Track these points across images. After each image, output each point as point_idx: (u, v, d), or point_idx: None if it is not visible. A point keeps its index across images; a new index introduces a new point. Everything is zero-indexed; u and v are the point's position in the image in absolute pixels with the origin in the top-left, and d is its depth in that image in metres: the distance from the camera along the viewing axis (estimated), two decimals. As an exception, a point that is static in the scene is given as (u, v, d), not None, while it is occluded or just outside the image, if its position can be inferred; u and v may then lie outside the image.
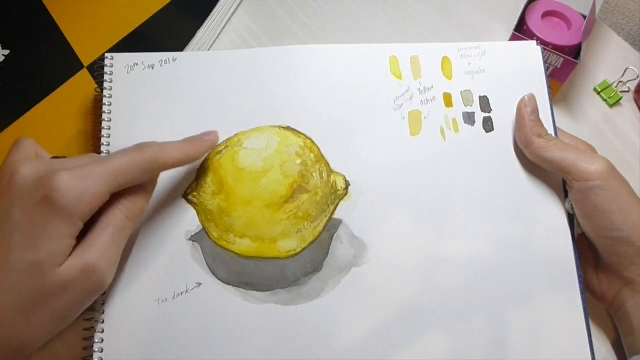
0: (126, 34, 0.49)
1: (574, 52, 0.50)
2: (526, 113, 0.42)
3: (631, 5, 1.09)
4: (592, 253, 0.42)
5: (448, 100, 0.44)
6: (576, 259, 0.40)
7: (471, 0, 0.58)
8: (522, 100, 0.42)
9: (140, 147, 0.35)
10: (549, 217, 0.41)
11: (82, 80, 0.47)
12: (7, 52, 0.47)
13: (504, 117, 0.44)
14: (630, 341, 0.39)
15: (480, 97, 0.44)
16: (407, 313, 0.39)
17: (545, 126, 0.42)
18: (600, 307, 0.42)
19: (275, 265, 0.40)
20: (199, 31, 0.51)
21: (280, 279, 0.40)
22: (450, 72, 0.45)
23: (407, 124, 0.44)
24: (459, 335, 0.39)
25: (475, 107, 0.44)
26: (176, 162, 0.37)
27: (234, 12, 0.56)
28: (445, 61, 0.45)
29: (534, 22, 0.52)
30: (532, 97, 0.42)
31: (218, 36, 0.54)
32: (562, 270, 0.40)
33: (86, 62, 0.48)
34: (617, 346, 0.41)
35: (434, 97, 0.44)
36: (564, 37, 0.51)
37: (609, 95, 0.53)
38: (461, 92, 0.44)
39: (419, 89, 0.44)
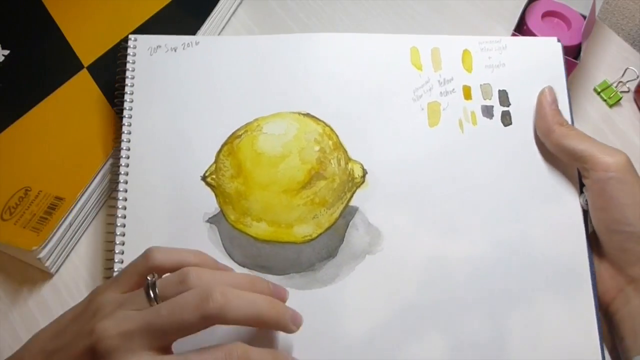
0: (126, 34, 0.48)
1: (574, 52, 0.51)
2: (547, 103, 0.42)
3: (631, 5, 1.08)
4: (596, 249, 0.41)
5: (467, 92, 0.44)
6: (589, 256, 0.40)
7: (471, 0, 0.58)
8: (542, 91, 0.43)
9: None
10: (564, 213, 0.41)
11: (82, 80, 0.47)
12: (7, 52, 0.47)
13: (523, 112, 0.44)
14: (630, 343, 0.38)
15: (499, 90, 0.44)
16: (420, 302, 0.39)
17: None
18: None
19: (291, 250, 0.41)
20: (199, 31, 0.51)
21: (296, 264, 0.40)
22: (471, 65, 0.45)
23: (426, 115, 0.44)
24: (475, 329, 0.39)
25: (494, 101, 0.44)
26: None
27: (234, 12, 0.56)
28: (466, 54, 0.45)
29: (534, 22, 0.52)
30: (551, 89, 0.43)
31: (218, 36, 0.54)
32: (575, 267, 0.40)
33: (86, 62, 0.48)
34: (614, 350, 0.41)
35: (453, 89, 0.44)
36: (564, 37, 0.50)
37: (609, 96, 0.53)
38: (480, 85, 0.45)
39: (439, 81, 0.45)
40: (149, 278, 0.32)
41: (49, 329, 0.33)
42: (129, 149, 0.42)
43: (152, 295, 0.32)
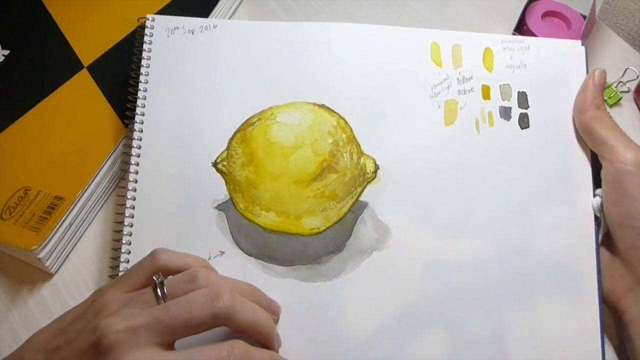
0: (126, 34, 0.49)
1: None
2: (592, 83, 0.42)
3: (631, 6, 1.06)
4: (609, 247, 0.41)
5: (486, 92, 0.44)
6: (597, 261, 0.40)
7: (471, 0, 0.58)
8: (592, 71, 0.43)
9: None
10: (574, 219, 0.41)
11: (82, 80, 0.47)
12: (7, 52, 0.47)
13: (541, 115, 0.43)
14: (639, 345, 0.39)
15: (518, 92, 0.44)
16: (424, 301, 0.39)
17: None
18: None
19: (298, 242, 0.41)
20: None
21: (302, 256, 0.40)
22: (492, 64, 0.44)
23: (442, 113, 0.43)
24: (478, 328, 0.39)
25: (513, 102, 0.43)
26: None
27: (234, 12, 0.56)
28: (487, 52, 0.44)
29: (534, 22, 0.52)
30: (602, 72, 0.42)
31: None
32: (582, 270, 0.40)
33: (86, 62, 0.47)
34: (622, 352, 0.41)
35: (472, 88, 0.44)
36: (564, 37, 0.50)
37: (609, 95, 0.52)
38: (500, 85, 0.44)
39: (458, 79, 0.44)
40: (155, 277, 0.33)
41: (51, 328, 0.34)
42: (141, 131, 0.42)
43: (159, 293, 0.32)
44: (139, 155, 0.42)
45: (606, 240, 0.41)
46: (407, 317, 0.39)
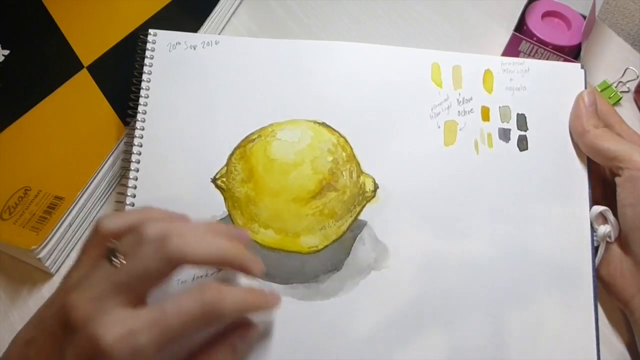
0: (126, 34, 0.49)
1: (574, 52, 0.51)
2: (583, 104, 0.43)
3: (631, 6, 1.08)
4: (623, 249, 0.41)
5: (485, 114, 0.44)
6: (593, 264, 0.40)
7: (471, 0, 0.58)
8: (582, 92, 0.43)
9: (201, 289, 0.32)
10: (571, 222, 0.41)
11: (82, 80, 0.47)
12: (7, 52, 0.47)
13: (540, 138, 0.43)
14: None
15: (518, 114, 0.44)
16: (423, 323, 0.39)
17: None
18: (616, 309, 0.42)
19: (296, 260, 0.41)
20: (199, 31, 0.51)
21: (300, 274, 0.40)
22: (491, 86, 0.44)
23: (442, 133, 0.43)
24: (478, 349, 0.39)
25: (512, 124, 0.44)
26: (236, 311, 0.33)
27: (234, 12, 0.56)
28: (487, 74, 0.45)
29: (534, 22, 0.52)
30: (591, 92, 0.43)
31: (218, 36, 0.54)
32: (580, 273, 0.40)
33: (86, 62, 0.48)
34: (632, 348, 0.41)
35: (471, 109, 0.44)
36: (564, 37, 0.51)
37: (609, 96, 0.53)
38: (499, 107, 0.44)
39: (458, 100, 0.44)
40: (108, 245, 0.32)
41: (29, 322, 0.34)
42: (141, 145, 0.42)
43: (113, 259, 0.31)
44: (137, 170, 0.41)
45: (620, 240, 0.41)
46: (406, 338, 0.39)
